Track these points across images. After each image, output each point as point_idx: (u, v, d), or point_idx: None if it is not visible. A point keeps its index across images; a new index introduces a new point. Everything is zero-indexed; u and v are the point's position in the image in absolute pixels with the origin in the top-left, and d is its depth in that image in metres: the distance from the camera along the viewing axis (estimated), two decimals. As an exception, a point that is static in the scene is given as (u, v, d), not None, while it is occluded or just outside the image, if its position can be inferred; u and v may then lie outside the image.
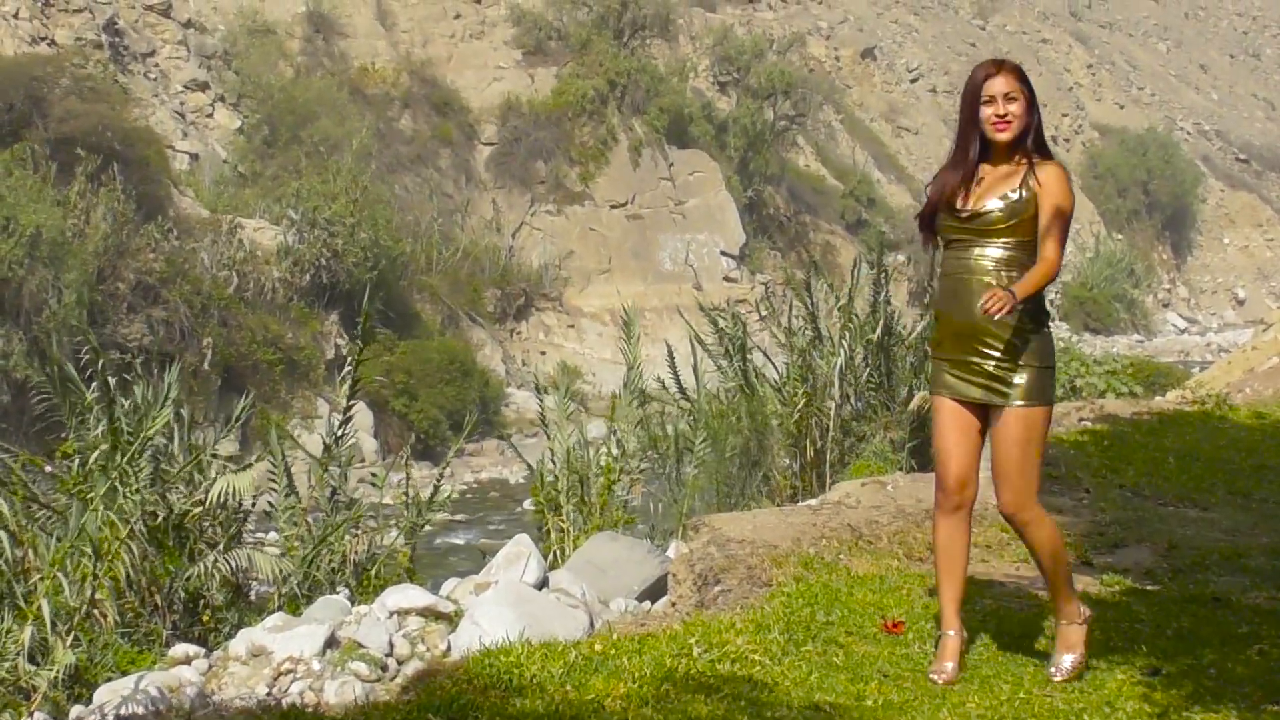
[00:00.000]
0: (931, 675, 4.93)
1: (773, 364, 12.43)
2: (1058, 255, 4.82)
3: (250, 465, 8.81)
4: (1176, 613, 5.78)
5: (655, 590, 8.35)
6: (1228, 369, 15.05)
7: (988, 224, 4.88)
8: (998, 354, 4.87)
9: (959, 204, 4.94)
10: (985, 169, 4.97)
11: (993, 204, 4.89)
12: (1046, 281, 4.80)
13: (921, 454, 11.47)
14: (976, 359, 4.90)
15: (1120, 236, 53.72)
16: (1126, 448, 9.29)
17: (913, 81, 56.95)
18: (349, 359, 9.51)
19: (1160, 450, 9.26)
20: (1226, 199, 61.73)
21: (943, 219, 5.00)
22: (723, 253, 38.29)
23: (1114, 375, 15.47)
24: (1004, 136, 4.90)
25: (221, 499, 8.41)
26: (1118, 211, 55.41)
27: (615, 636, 5.27)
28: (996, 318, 4.67)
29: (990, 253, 4.89)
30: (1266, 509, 8.02)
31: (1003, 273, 4.85)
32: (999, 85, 4.89)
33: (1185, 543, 7.02)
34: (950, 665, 4.94)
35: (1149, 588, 6.25)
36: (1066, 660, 5.00)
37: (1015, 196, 4.86)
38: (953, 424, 4.98)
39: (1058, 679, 4.95)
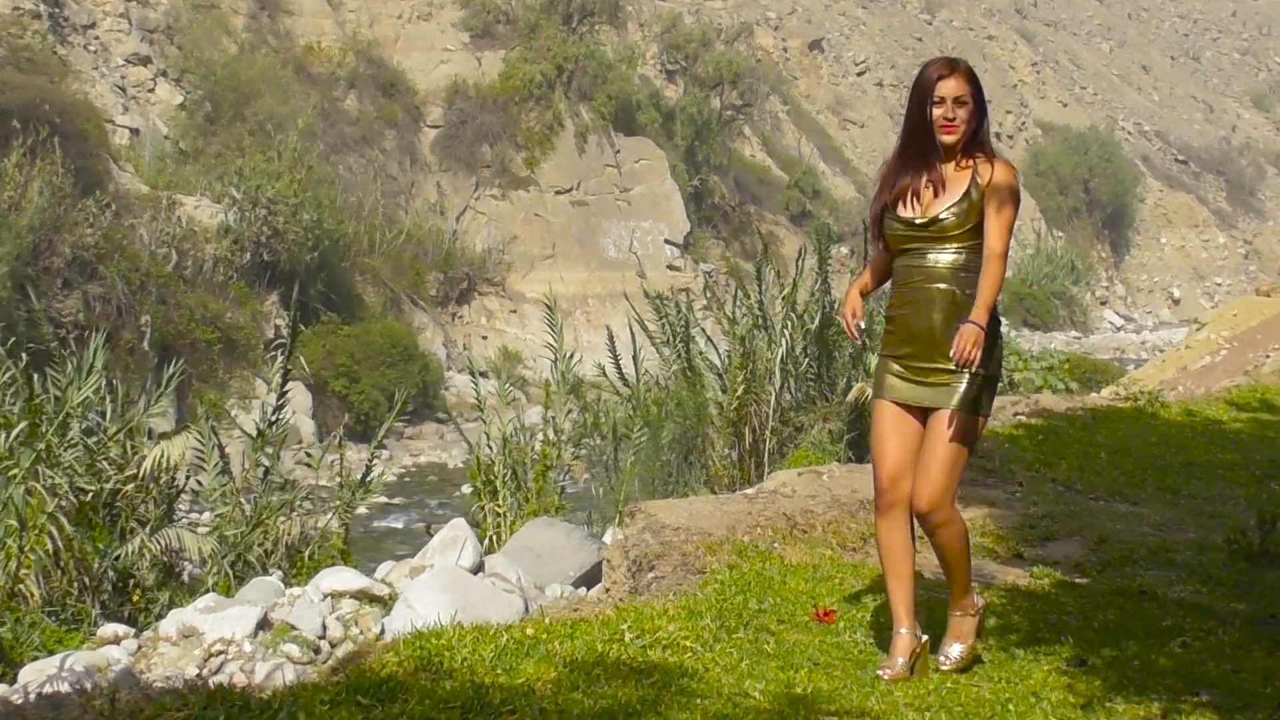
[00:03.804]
0: (880, 670, 4.92)
1: (715, 348, 12.48)
2: (1003, 247, 4.83)
3: (182, 430, 8.71)
4: (1104, 605, 5.86)
5: (591, 576, 8.37)
6: (1161, 367, 15.27)
7: (941, 230, 4.88)
8: (953, 362, 4.84)
9: (910, 211, 4.93)
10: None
11: (945, 212, 4.88)
12: (1000, 281, 4.80)
13: (859, 445, 11.56)
14: (931, 364, 4.89)
15: (1060, 234, 54.25)
16: (1060, 442, 9.39)
17: (859, 74, 57.17)
18: (287, 340, 9.41)
19: (1093, 445, 9.36)
20: (1165, 199, 62.48)
21: (892, 225, 4.97)
22: (667, 241, 38.30)
23: (1051, 371, 15.66)
24: (950, 139, 4.89)
25: (155, 471, 8.31)
26: (1059, 209, 55.92)
27: (547, 621, 5.26)
28: (975, 358, 4.70)
29: (944, 258, 4.89)
30: (1194, 505, 8.15)
31: (960, 274, 4.85)
32: (950, 88, 4.88)
33: (1114, 537, 7.11)
34: (900, 661, 4.93)
35: (1078, 580, 6.33)
36: (955, 649, 5.05)
37: (965, 201, 4.86)
38: (892, 425, 4.98)
39: (945, 667, 5.01)
